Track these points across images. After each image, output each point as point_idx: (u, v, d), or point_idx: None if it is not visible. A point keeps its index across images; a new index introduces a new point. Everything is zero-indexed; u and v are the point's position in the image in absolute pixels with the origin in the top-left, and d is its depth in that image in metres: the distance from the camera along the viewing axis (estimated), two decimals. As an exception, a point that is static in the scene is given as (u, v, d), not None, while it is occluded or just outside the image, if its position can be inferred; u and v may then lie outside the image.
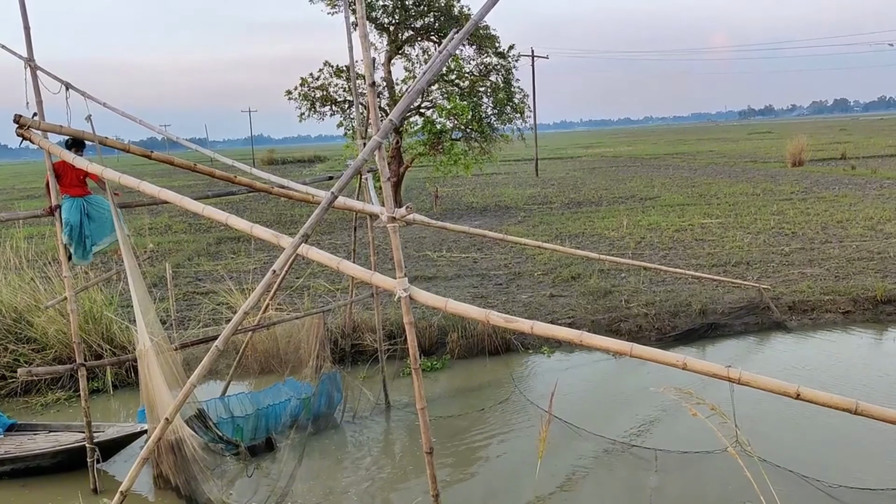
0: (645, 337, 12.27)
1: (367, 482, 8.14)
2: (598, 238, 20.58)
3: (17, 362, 10.92)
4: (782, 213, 23.49)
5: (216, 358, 5.41)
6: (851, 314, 12.99)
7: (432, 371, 11.41)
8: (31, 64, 7.42)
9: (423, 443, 5.48)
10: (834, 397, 4.24)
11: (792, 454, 7.82)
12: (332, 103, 29.31)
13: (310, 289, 14.77)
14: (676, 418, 9.20)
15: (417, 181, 41.72)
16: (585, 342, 4.78)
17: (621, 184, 37.78)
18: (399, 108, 5.33)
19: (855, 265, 15.49)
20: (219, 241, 23.49)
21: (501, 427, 9.46)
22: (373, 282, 5.61)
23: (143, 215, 28.13)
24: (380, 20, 28.69)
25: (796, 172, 38.51)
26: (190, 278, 17.35)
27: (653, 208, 26.59)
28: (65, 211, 7.80)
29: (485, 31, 28.67)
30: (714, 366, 4.47)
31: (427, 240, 22.03)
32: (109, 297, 12.49)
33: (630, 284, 14.83)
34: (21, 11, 7.29)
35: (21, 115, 7.06)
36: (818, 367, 10.90)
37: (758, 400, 8.35)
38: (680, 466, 7.87)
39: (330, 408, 9.78)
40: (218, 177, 7.72)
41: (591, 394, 10.47)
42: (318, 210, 5.16)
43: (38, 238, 20.42)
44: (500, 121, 29.37)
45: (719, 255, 17.16)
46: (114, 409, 10.69)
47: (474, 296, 14.49)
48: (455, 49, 5.57)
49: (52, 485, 8.09)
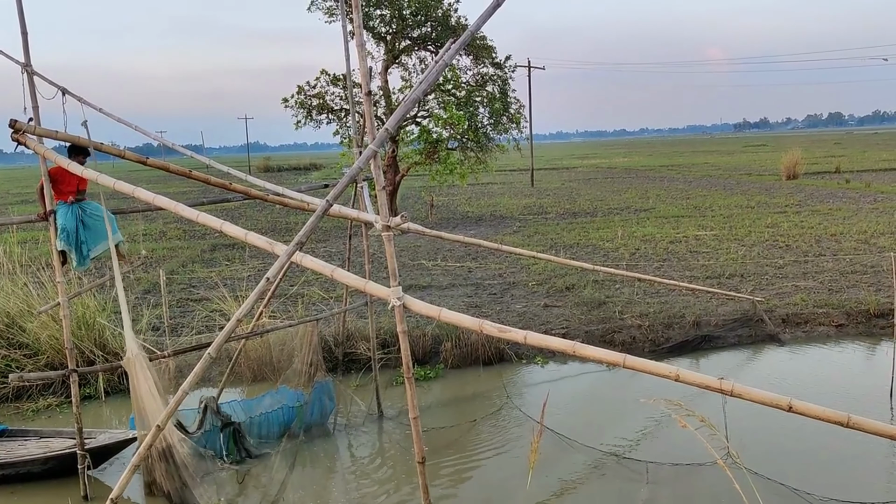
0: (638, 348, 12.28)
1: (359, 491, 8.11)
2: (592, 249, 20.61)
3: (8, 368, 10.86)
4: (776, 225, 23.56)
5: (209, 365, 5.39)
6: (845, 327, 13.02)
7: (425, 380, 11.39)
8: (28, 69, 7.42)
9: (416, 452, 5.47)
10: (826, 410, 4.24)
11: (783, 467, 7.83)
12: (329, 111, 29.36)
13: (304, 297, 14.75)
14: (668, 430, 9.20)
15: (413, 190, 41.79)
16: (579, 353, 4.78)
17: (616, 195, 37.88)
18: (395, 117, 5.34)
19: (848, 278, 15.53)
20: (213, 247, 23.46)
21: (494, 437, 9.44)
22: (367, 290, 5.61)
23: (138, 221, 28.08)
24: (377, 29, 28.80)
25: (791, 185, 38.66)
26: (184, 285, 17.32)
27: (647, 220, 26.66)
28: (60, 217, 7.77)
29: (482, 42, 28.78)
30: (707, 378, 4.47)
31: (422, 249, 22.04)
32: (102, 304, 12.46)
33: (624, 295, 14.85)
34: (18, 16, 7.29)
35: (17, 119, 7.05)
36: (811, 380, 10.92)
37: (750, 413, 8.37)
38: (671, 479, 7.86)
39: (322, 416, 9.77)
40: (213, 184, 7.72)
41: (584, 405, 10.46)
42: (314, 218, 5.17)
43: (32, 243, 20.37)
44: (496, 131, 29.45)
45: (713, 267, 17.19)
46: (105, 415, 10.65)
47: (468, 305, 14.49)
48: (452, 59, 5.59)
49: (43, 491, 8.05)
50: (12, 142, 7.15)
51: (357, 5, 5.27)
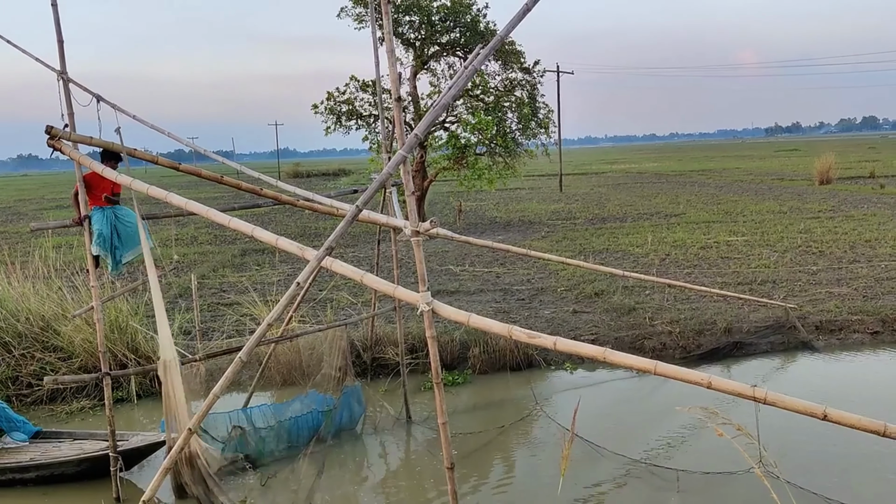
0: (669, 355, 12.16)
1: (387, 496, 8.12)
2: (622, 254, 20.47)
3: (43, 370, 11.05)
4: (809, 231, 23.23)
5: (240, 369, 5.43)
6: (880, 334, 12.79)
7: (454, 385, 11.38)
8: (64, 77, 7.55)
9: (444, 458, 5.46)
10: (862, 419, 4.16)
11: (817, 477, 7.69)
12: (358, 117, 29.49)
13: (333, 301, 14.82)
14: (699, 438, 9.10)
15: (441, 195, 41.82)
16: (609, 359, 4.74)
17: (646, 200, 37.59)
18: (424, 122, 5.35)
19: (884, 285, 15.26)
20: (243, 252, 23.67)
21: (523, 444, 9.41)
22: (396, 295, 5.61)
23: (170, 226, 28.41)
24: (406, 35, 28.89)
25: (824, 191, 38.10)
26: (215, 289, 17.48)
27: (678, 225, 26.42)
28: (95, 222, 7.89)
29: (510, 47, 28.75)
30: (739, 385, 4.40)
31: (450, 254, 22.04)
32: (135, 307, 12.62)
33: (654, 302, 14.72)
34: (55, 25, 7.43)
35: (52, 126, 7.18)
36: (846, 388, 10.73)
37: (783, 422, 8.25)
38: (702, 488, 7.77)
39: (351, 421, 9.79)
40: (244, 189, 7.78)
41: (613, 412, 10.37)
42: (343, 223, 5.19)
43: (66, 248, 20.67)
44: (525, 136, 29.37)
45: (745, 273, 16.99)
46: (137, 418, 10.77)
47: (497, 311, 14.45)
48: (481, 64, 5.59)
49: (75, 493, 8.16)
50: (48, 147, 7.28)
51: (387, 11, 5.29)
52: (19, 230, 31.80)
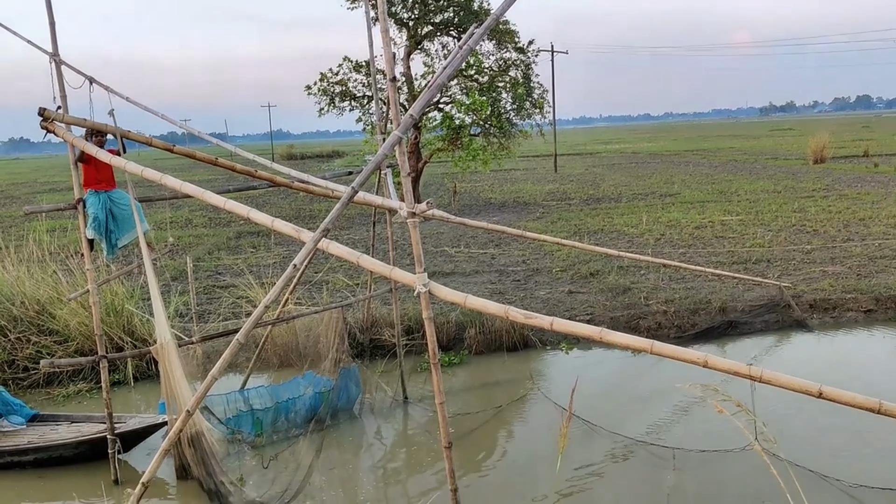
0: (664, 334, 12.21)
1: (385, 476, 8.18)
2: (617, 235, 20.49)
3: (39, 354, 11.04)
4: (803, 210, 23.28)
5: (237, 351, 5.44)
6: (874, 313, 12.85)
7: (450, 366, 11.42)
8: (56, 59, 7.50)
9: (442, 437, 5.49)
10: (857, 397, 4.19)
11: (811, 453, 7.75)
12: (352, 98, 29.31)
13: (329, 283, 14.82)
14: (695, 416, 9.17)
15: (436, 177, 41.73)
16: (605, 339, 4.76)
17: (641, 180, 37.58)
18: (419, 103, 5.33)
19: (877, 263, 15.32)
20: (239, 235, 23.63)
21: (519, 423, 9.46)
22: (392, 277, 5.62)
23: (165, 209, 28.30)
24: (399, 15, 28.66)
25: (818, 170, 38.13)
26: (210, 272, 17.47)
27: (672, 205, 26.44)
28: (91, 206, 7.85)
29: (504, 27, 28.55)
30: (735, 363, 4.43)
31: (445, 235, 22.04)
32: (131, 290, 12.61)
33: (649, 281, 14.76)
34: (46, 7, 7.37)
35: (45, 108, 7.14)
36: (840, 366, 10.79)
37: (777, 400, 8.30)
38: (698, 465, 7.83)
39: (348, 402, 9.83)
40: (239, 171, 7.77)
41: (609, 391, 10.42)
42: (339, 204, 5.17)
43: (61, 231, 20.59)
44: (519, 116, 29.25)
45: (739, 252, 17.04)
46: (134, 400, 10.79)
47: (492, 292, 14.48)
48: (475, 44, 5.56)
49: (74, 475, 8.17)
50: (41, 130, 7.24)
51: (381, -9, 5.25)
52: (12, 214, 31.63)
